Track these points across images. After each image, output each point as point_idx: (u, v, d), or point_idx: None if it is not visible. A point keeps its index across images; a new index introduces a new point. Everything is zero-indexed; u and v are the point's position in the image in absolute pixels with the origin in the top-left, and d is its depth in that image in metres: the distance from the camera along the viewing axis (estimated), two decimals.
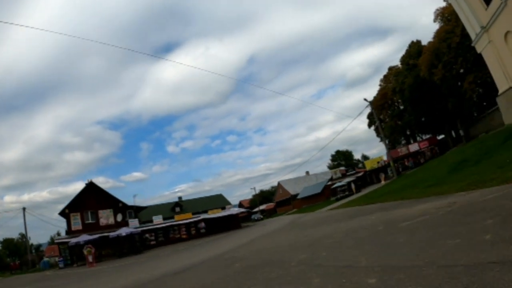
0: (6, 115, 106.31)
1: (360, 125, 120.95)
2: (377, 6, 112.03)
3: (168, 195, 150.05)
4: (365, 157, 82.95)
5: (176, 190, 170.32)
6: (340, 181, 44.03)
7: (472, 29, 21.83)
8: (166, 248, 29.56)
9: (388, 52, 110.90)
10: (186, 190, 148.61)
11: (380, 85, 54.25)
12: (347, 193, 39.06)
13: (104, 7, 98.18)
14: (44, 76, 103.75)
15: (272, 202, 78.60)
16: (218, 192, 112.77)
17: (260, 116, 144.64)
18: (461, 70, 28.91)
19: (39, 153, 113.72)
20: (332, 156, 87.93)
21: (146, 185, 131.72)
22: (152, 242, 36.52)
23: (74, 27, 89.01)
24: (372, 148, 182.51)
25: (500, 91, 20.34)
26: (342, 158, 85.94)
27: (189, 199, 57.48)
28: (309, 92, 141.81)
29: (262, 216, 57.54)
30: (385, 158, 41.91)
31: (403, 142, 49.41)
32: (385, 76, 55.49)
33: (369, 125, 62.13)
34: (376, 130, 61.59)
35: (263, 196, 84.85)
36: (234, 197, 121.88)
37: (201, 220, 38.30)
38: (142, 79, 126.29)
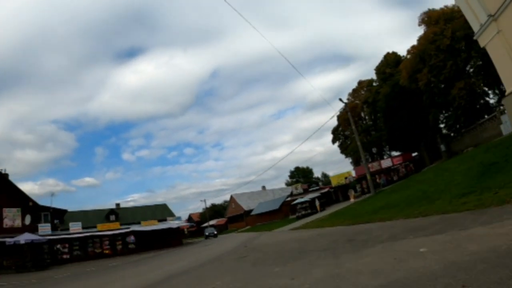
0: None
1: (317, 148, 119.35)
2: (343, 33, 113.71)
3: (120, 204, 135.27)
4: (325, 175, 80.00)
5: (129, 199, 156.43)
6: (301, 197, 38.87)
7: (476, 19, 18.27)
8: (79, 265, 24.80)
9: (350, 79, 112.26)
10: (138, 200, 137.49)
11: (348, 99, 51.33)
12: (309, 211, 33.98)
13: (71, 4, 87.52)
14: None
15: (224, 217, 71.74)
16: (170, 204, 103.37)
17: (219, 131, 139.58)
18: (442, 85, 25.88)
19: None
20: (291, 172, 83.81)
21: (98, 191, 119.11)
22: (66, 256, 28.81)
23: (39, 21, 77.43)
24: (328, 171, 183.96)
25: (509, 91, 16.76)
26: (301, 175, 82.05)
27: (127, 206, 48.80)
28: (269, 111, 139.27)
29: (216, 232, 49.87)
30: (353, 174, 37.90)
31: (369, 160, 46.18)
32: (354, 90, 52.90)
33: (333, 141, 58.89)
34: (341, 146, 58.68)
35: (215, 210, 77.53)
36: (187, 210, 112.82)
37: (131, 233, 30.72)
38: (103, 82, 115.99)
